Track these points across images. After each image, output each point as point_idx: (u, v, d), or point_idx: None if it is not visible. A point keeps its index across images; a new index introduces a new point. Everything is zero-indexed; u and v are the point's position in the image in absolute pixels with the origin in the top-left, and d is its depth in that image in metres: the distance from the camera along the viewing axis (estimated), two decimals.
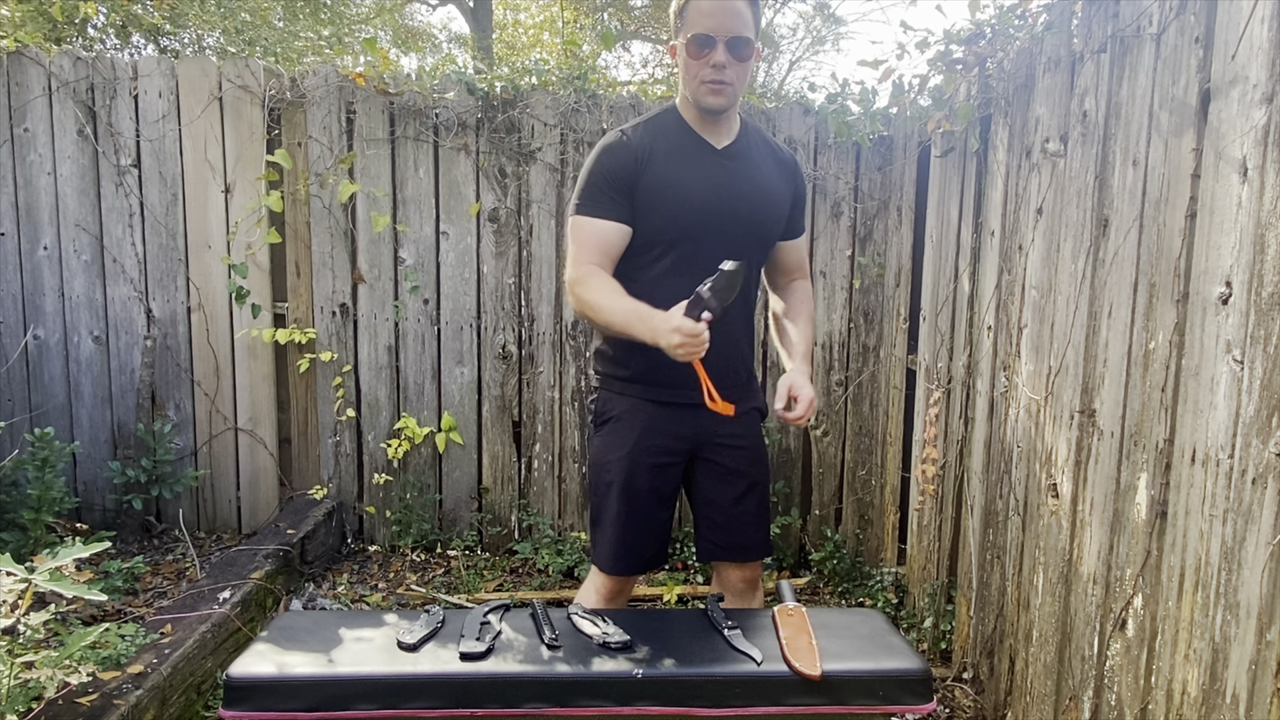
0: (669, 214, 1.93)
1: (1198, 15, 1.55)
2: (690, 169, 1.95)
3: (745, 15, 1.88)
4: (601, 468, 2.05)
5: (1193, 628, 1.54)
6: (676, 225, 1.93)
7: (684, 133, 1.98)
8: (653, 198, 1.93)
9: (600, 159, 1.95)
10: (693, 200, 1.93)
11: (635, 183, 1.93)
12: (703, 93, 1.90)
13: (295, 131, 3.58)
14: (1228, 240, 1.43)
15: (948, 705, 2.61)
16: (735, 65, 1.88)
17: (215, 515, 3.79)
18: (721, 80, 1.87)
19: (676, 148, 1.96)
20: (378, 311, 3.66)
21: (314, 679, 1.56)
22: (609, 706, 1.56)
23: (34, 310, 3.62)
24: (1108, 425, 1.84)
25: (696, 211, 1.93)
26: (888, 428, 3.56)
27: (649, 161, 1.93)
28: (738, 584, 2.15)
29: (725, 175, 1.97)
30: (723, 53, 1.86)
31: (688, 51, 1.88)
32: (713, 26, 1.84)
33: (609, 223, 1.92)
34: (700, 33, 1.85)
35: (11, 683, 1.72)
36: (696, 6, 1.86)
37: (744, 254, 1.93)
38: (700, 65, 1.87)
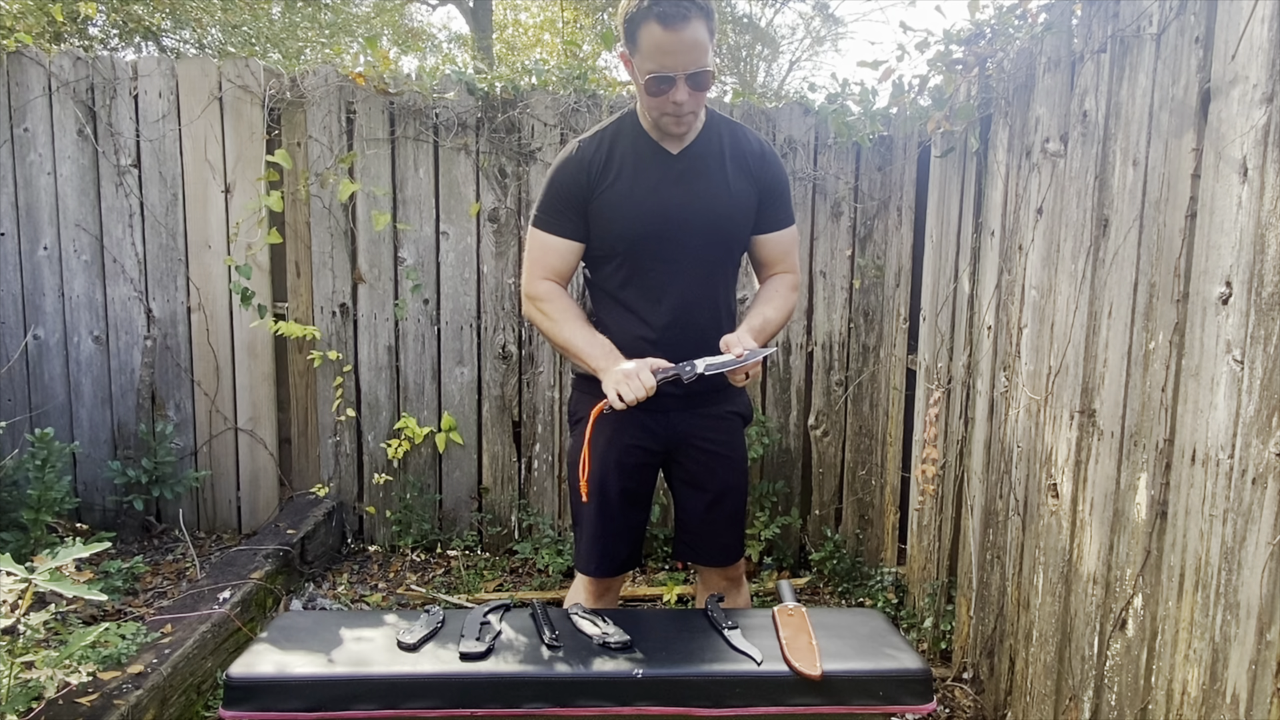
0: (622, 227, 1.93)
1: (1198, 15, 1.55)
2: (643, 181, 1.92)
3: (703, 42, 1.77)
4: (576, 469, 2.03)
5: (1193, 628, 1.54)
6: (629, 237, 1.93)
7: (641, 141, 1.94)
8: (607, 211, 1.92)
9: (557, 173, 1.94)
10: (644, 213, 1.91)
11: (589, 198, 1.92)
12: (665, 124, 1.87)
13: (295, 131, 3.58)
14: (1228, 240, 1.43)
15: (948, 705, 2.61)
16: (695, 96, 1.81)
17: (215, 515, 3.78)
18: (682, 114, 1.83)
19: (632, 158, 1.92)
20: (378, 311, 3.66)
21: (314, 679, 1.56)
22: (609, 706, 1.56)
23: (34, 310, 3.62)
24: (1108, 425, 1.84)
25: (649, 223, 1.92)
26: (888, 428, 3.56)
27: (602, 176, 1.91)
28: (719, 583, 2.16)
29: (679, 183, 1.93)
30: (683, 91, 1.79)
31: (646, 89, 1.80)
32: (671, 65, 1.76)
33: (561, 240, 1.94)
34: (658, 73, 1.77)
35: (12, 683, 1.72)
36: (653, 40, 1.75)
37: (704, 257, 1.96)
38: (661, 101, 1.81)
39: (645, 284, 1.95)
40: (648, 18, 1.74)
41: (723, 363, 1.80)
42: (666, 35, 1.73)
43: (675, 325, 1.95)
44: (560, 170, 1.94)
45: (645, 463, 2.04)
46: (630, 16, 1.79)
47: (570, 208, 1.93)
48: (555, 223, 1.94)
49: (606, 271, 1.99)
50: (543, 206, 1.95)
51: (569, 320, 1.92)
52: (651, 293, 1.95)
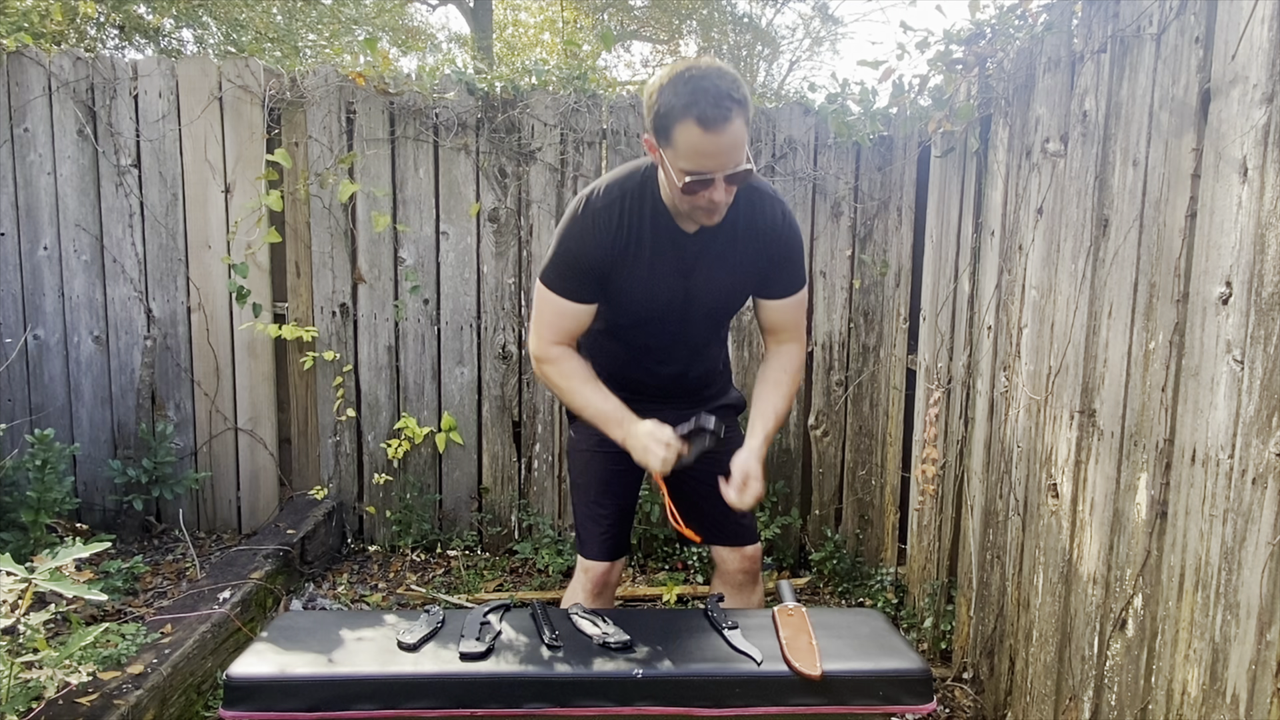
0: (632, 308, 1.93)
1: (1198, 15, 1.55)
2: (659, 267, 1.88)
3: (743, 139, 1.65)
4: (572, 457, 2.17)
5: (1193, 628, 1.54)
6: (632, 315, 1.96)
7: (660, 218, 1.85)
8: (620, 290, 1.91)
9: (577, 239, 1.85)
10: (655, 297, 1.92)
11: (609, 271, 1.88)
12: (696, 216, 1.79)
13: (295, 131, 3.58)
14: (1228, 240, 1.43)
15: (948, 705, 2.61)
16: (730, 191, 1.72)
17: (215, 515, 3.78)
18: (716, 208, 1.75)
19: (650, 239, 1.86)
20: (378, 311, 3.66)
21: (314, 679, 1.56)
22: (609, 706, 1.56)
23: (34, 310, 3.62)
24: (1108, 425, 1.84)
25: (656, 307, 1.94)
26: (888, 428, 3.56)
27: (623, 255, 1.86)
28: (737, 575, 2.19)
29: (693, 269, 1.90)
30: (721, 190, 1.69)
31: (682, 188, 1.70)
32: (711, 167, 1.65)
33: (577, 305, 1.91)
34: (697, 175, 1.66)
35: (12, 683, 1.72)
36: (691, 142, 1.62)
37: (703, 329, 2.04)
38: (695, 199, 1.72)
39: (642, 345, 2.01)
40: (685, 117, 1.61)
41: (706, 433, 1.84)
42: (707, 138, 1.61)
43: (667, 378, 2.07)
44: (580, 238, 1.85)
45: None
46: (664, 112, 1.65)
47: (590, 276, 1.88)
48: (573, 289, 1.88)
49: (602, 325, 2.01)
50: (559, 271, 1.88)
51: (582, 383, 1.93)
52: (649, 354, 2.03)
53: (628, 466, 2.05)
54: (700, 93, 1.60)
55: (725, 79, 1.62)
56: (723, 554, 2.20)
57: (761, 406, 2.02)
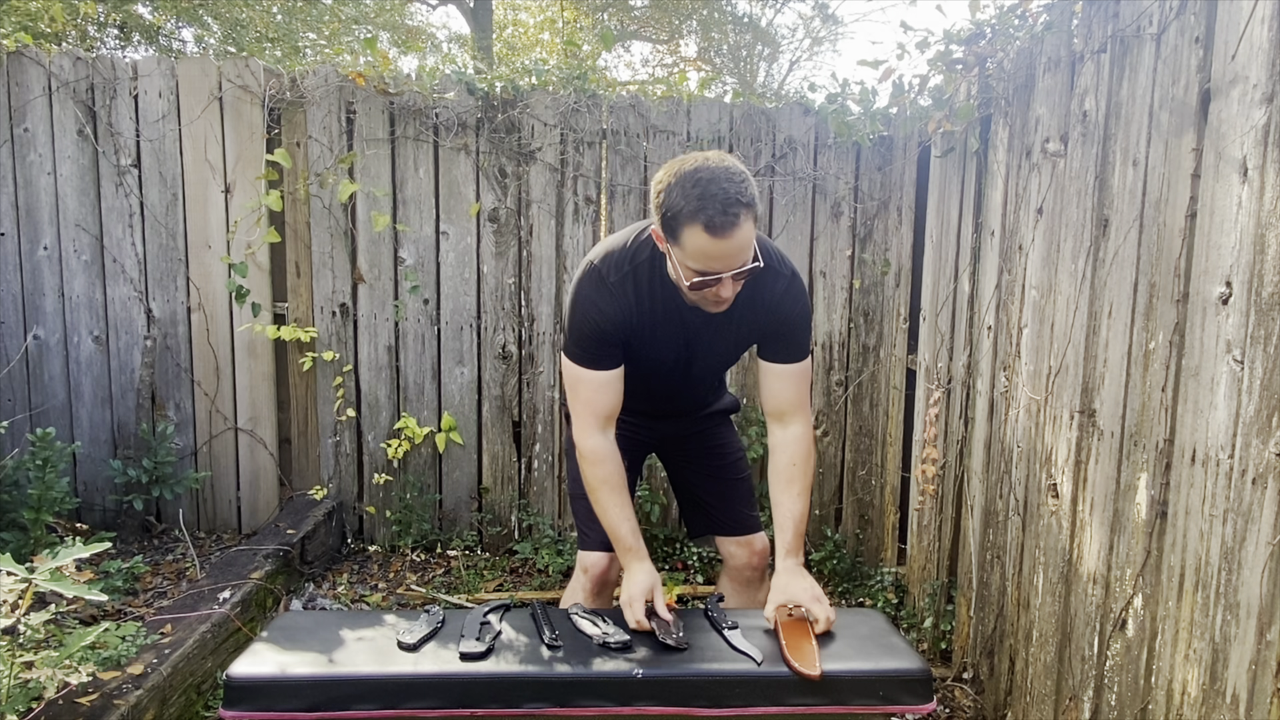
0: (636, 370, 1.96)
1: (1198, 15, 1.55)
2: (663, 335, 1.92)
3: (750, 239, 1.65)
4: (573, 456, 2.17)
5: (1193, 628, 1.54)
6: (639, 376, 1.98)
7: (668, 291, 1.87)
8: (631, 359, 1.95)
9: (596, 314, 1.85)
10: (657, 361, 1.97)
11: (629, 340, 1.91)
12: (704, 305, 1.80)
13: (295, 131, 3.58)
14: (1228, 240, 1.43)
15: (948, 705, 2.61)
16: (738, 284, 1.73)
17: (215, 515, 3.78)
18: (723, 301, 1.76)
19: (661, 311, 1.88)
20: (378, 311, 3.66)
21: (314, 679, 1.56)
22: (609, 706, 1.56)
23: (34, 310, 3.62)
24: (1108, 425, 1.84)
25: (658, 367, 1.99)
26: (888, 428, 3.56)
27: (639, 329, 1.89)
28: (745, 570, 2.20)
29: (692, 337, 1.94)
30: (729, 287, 1.70)
31: (689, 286, 1.71)
32: (719, 268, 1.66)
33: (611, 372, 1.91)
34: (705, 274, 1.67)
35: (11, 683, 1.72)
36: (698, 246, 1.63)
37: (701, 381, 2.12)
38: (702, 294, 1.74)
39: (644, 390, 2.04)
40: (693, 222, 1.61)
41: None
42: (715, 244, 1.61)
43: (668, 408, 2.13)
44: (599, 314, 1.85)
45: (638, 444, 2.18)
46: (671, 214, 1.65)
47: (615, 343, 1.89)
48: (603, 358, 1.89)
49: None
50: (586, 345, 1.88)
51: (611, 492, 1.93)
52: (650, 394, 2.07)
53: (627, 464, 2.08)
54: (709, 198, 1.58)
55: (733, 181, 1.60)
56: (730, 548, 2.21)
57: (779, 515, 1.94)
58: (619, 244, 1.89)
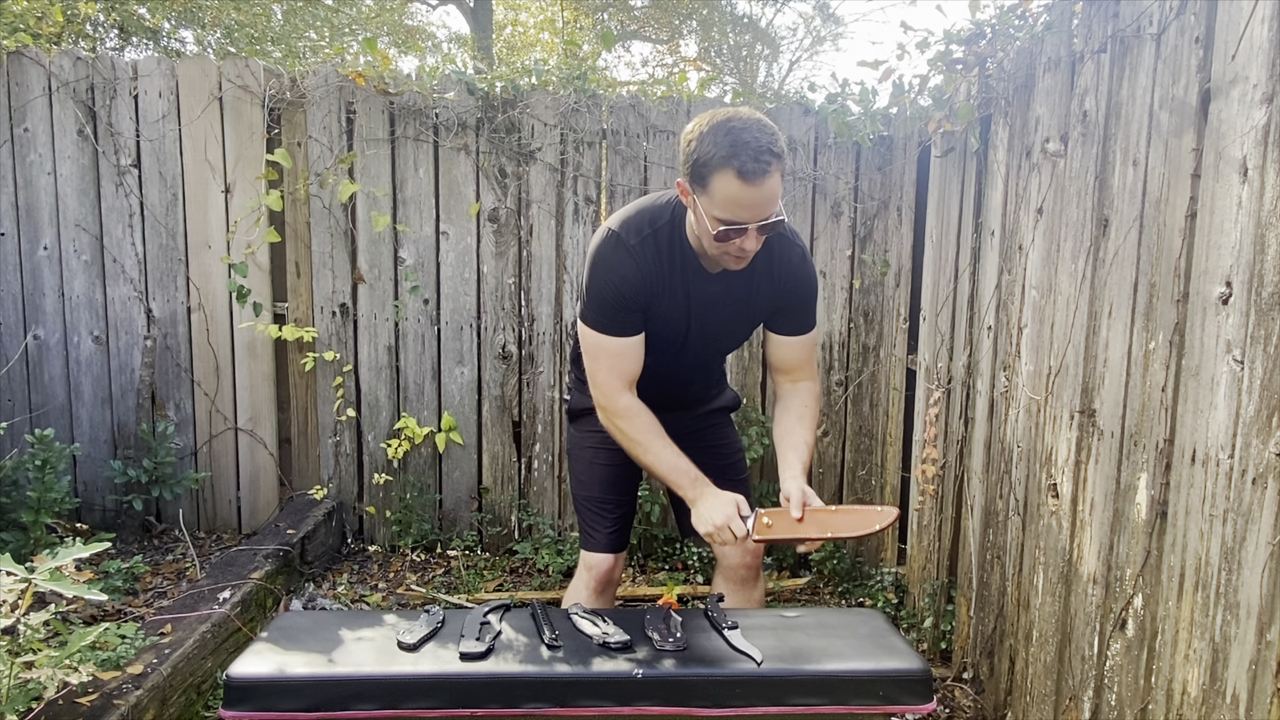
0: (654, 336, 1.95)
1: (1198, 15, 1.55)
2: (682, 303, 1.92)
3: (778, 189, 1.68)
4: (574, 455, 2.20)
5: (1193, 628, 1.54)
6: (654, 344, 1.97)
7: (688, 257, 1.88)
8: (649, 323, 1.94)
9: (616, 278, 1.85)
10: (673, 329, 1.96)
11: (649, 304, 1.90)
12: (725, 261, 1.81)
13: (295, 131, 3.58)
14: (1228, 240, 1.43)
15: (948, 705, 2.61)
16: (761, 239, 1.75)
17: (215, 515, 3.78)
18: (746, 255, 1.78)
19: (680, 278, 1.89)
20: (378, 311, 3.66)
21: (314, 679, 1.56)
22: (609, 706, 1.56)
23: (34, 310, 3.62)
24: (1108, 425, 1.84)
25: (673, 337, 1.98)
26: (888, 428, 3.56)
27: (660, 294, 1.89)
28: (739, 570, 2.19)
29: (711, 306, 1.94)
30: (754, 239, 1.72)
31: (715, 235, 1.72)
32: (747, 217, 1.68)
33: (633, 339, 1.90)
34: (731, 224, 1.69)
35: (11, 683, 1.72)
36: (729, 192, 1.65)
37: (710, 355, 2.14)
38: (726, 246, 1.74)
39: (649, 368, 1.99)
40: (725, 168, 1.63)
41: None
42: (746, 190, 1.63)
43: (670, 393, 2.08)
44: (619, 278, 1.85)
45: None
46: (704, 160, 1.66)
47: (635, 309, 1.89)
48: (624, 325, 1.89)
49: None
50: (606, 311, 1.88)
51: (655, 438, 1.90)
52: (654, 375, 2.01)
53: (628, 462, 2.08)
54: (742, 145, 1.61)
55: (766, 132, 1.64)
56: (724, 548, 2.19)
57: (792, 440, 1.99)
58: (636, 210, 1.90)
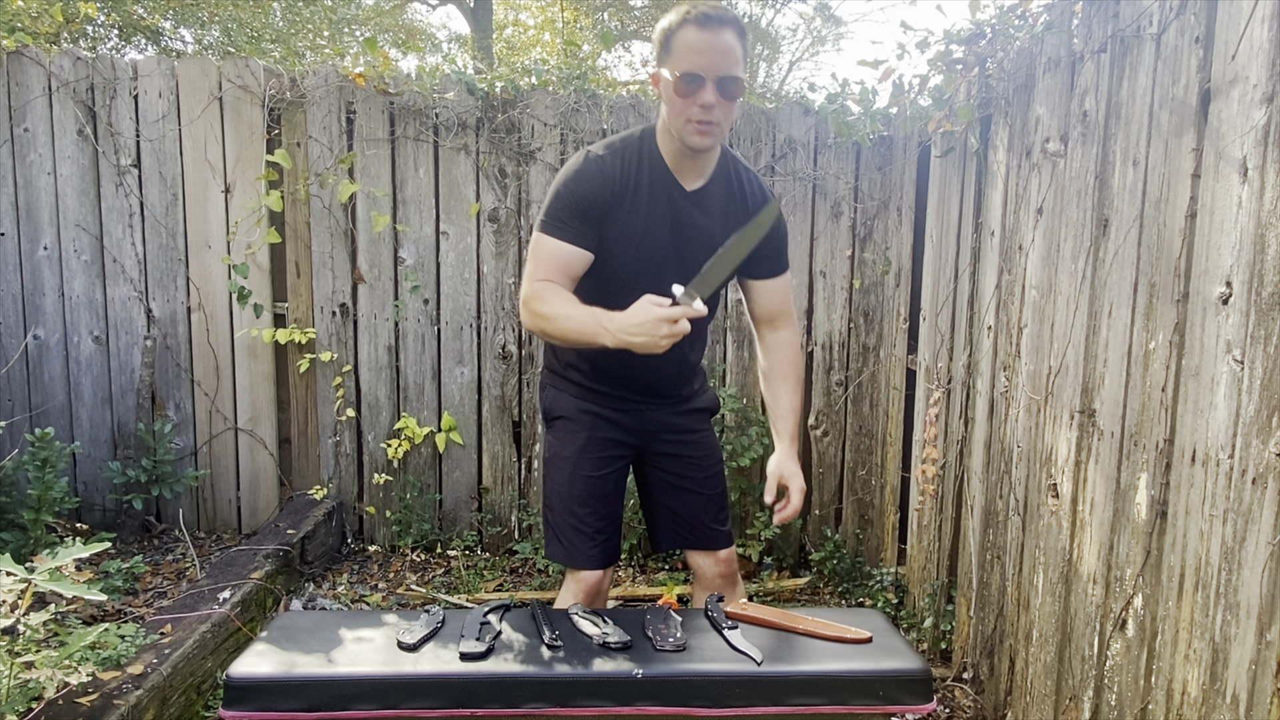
0: (626, 256, 1.92)
1: (1198, 15, 1.55)
2: (655, 215, 1.92)
3: (735, 52, 1.79)
4: (553, 465, 2.08)
5: (1193, 628, 1.54)
6: (631, 267, 1.92)
7: (658, 169, 1.92)
8: (616, 239, 1.91)
9: (575, 182, 1.89)
10: (651, 247, 1.92)
11: (605, 215, 1.89)
12: (689, 132, 1.83)
13: (295, 131, 3.58)
14: (1228, 240, 1.43)
15: (948, 705, 2.61)
16: (723, 104, 1.79)
17: (215, 515, 3.78)
18: (709, 120, 1.80)
19: (647, 188, 1.91)
20: (378, 311, 3.66)
21: (314, 679, 1.56)
22: (609, 706, 1.56)
23: (34, 310, 3.62)
24: (1108, 425, 1.84)
25: (652, 257, 1.92)
26: (888, 428, 3.56)
27: (620, 198, 1.89)
28: (714, 579, 2.14)
29: (687, 222, 1.93)
30: (712, 92, 1.77)
31: (675, 89, 1.79)
32: (703, 65, 1.76)
33: (574, 248, 1.88)
34: (689, 71, 1.76)
35: (11, 683, 1.72)
36: (685, 41, 1.77)
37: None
38: (688, 104, 1.79)
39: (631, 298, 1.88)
40: (683, 23, 1.78)
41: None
42: (701, 35, 1.76)
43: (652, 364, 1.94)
44: (579, 180, 1.88)
45: (621, 455, 2.09)
46: (669, 28, 1.82)
47: (588, 220, 1.87)
48: (573, 233, 1.87)
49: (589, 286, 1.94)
50: (556, 213, 1.88)
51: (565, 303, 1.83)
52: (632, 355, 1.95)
53: (613, 470, 2.04)
54: (698, 4, 1.80)
55: (724, 7, 1.81)
56: (699, 561, 2.15)
57: (779, 408, 2.02)
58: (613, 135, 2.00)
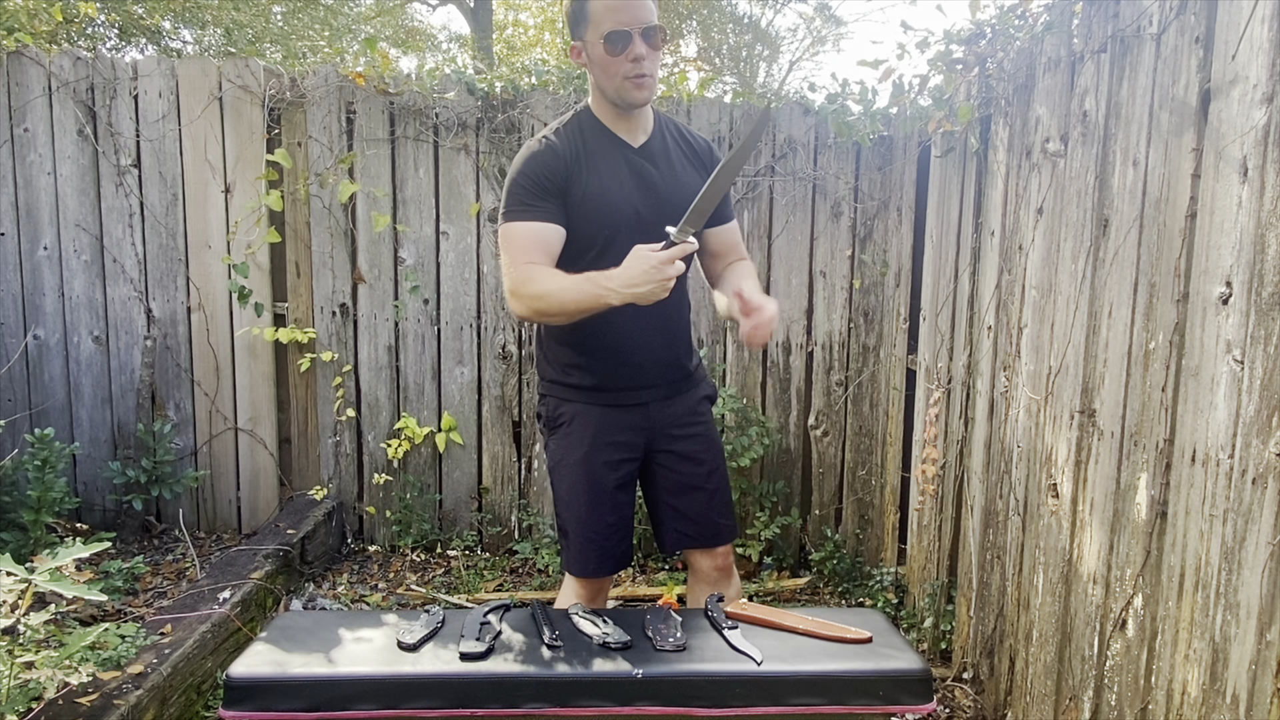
0: (598, 219, 1.93)
1: (1198, 15, 1.55)
2: (613, 173, 1.95)
3: (649, 3, 1.86)
4: (559, 473, 2.05)
5: (1193, 628, 1.54)
6: (606, 228, 1.93)
7: (602, 134, 1.96)
8: (583, 205, 1.92)
9: (528, 165, 1.92)
10: (618, 204, 1.93)
11: (566, 188, 1.91)
12: (627, 89, 1.87)
13: (295, 131, 3.58)
14: (1228, 240, 1.43)
15: (948, 705, 2.61)
16: (651, 55, 1.86)
17: (215, 515, 3.78)
18: (643, 73, 1.86)
19: (598, 151, 1.95)
20: (378, 311, 3.66)
21: (314, 679, 1.56)
22: (609, 706, 1.56)
23: (34, 310, 3.62)
24: (1108, 425, 1.84)
25: (622, 214, 1.93)
26: (888, 428, 3.56)
27: (576, 168, 1.92)
28: (710, 573, 2.14)
29: (645, 175, 1.97)
30: (640, 45, 1.84)
31: (605, 50, 1.84)
32: (626, 20, 1.82)
33: (546, 224, 1.89)
34: (614, 30, 1.82)
35: (11, 683, 1.72)
36: (602, 3, 1.84)
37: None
38: (619, 62, 1.84)
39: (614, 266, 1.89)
40: None
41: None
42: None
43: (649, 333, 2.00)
44: (532, 162, 1.91)
45: (628, 458, 2.06)
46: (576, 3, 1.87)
47: (551, 195, 1.90)
48: (537, 210, 1.89)
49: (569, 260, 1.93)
50: (518, 198, 1.90)
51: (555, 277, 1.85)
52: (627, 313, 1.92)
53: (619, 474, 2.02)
54: None
55: None
56: (696, 557, 2.15)
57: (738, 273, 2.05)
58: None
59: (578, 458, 2.01)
